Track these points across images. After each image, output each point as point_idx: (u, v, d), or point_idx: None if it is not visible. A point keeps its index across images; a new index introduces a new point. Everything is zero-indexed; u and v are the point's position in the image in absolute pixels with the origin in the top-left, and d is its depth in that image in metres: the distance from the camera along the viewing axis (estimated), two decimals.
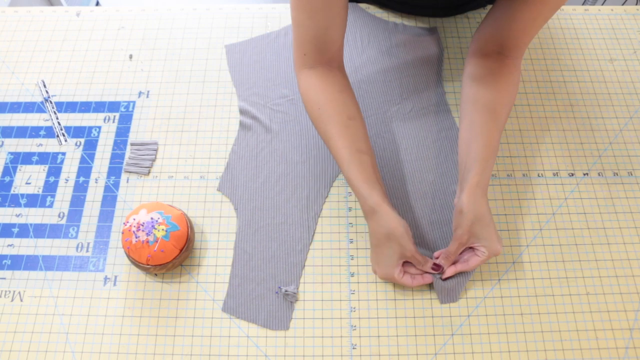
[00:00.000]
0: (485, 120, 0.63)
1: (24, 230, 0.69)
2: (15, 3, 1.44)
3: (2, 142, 0.75)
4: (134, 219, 0.61)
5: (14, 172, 0.73)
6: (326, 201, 0.70)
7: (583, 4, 1.40)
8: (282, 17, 0.85)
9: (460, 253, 0.62)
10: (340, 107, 0.63)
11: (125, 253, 0.64)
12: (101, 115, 0.77)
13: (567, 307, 0.63)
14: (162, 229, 0.61)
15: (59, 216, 0.70)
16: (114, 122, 0.76)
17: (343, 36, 0.64)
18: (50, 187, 0.72)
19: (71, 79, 0.80)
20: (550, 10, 0.60)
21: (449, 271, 0.61)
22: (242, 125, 0.75)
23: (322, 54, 0.63)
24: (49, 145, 0.75)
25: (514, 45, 0.64)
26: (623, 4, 0.89)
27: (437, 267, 0.61)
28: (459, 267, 0.61)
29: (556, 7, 0.60)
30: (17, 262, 0.67)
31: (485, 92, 0.64)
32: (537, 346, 0.61)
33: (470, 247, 0.61)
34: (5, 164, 0.74)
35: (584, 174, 0.72)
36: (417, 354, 0.61)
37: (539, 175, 0.72)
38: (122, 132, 0.75)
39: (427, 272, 0.62)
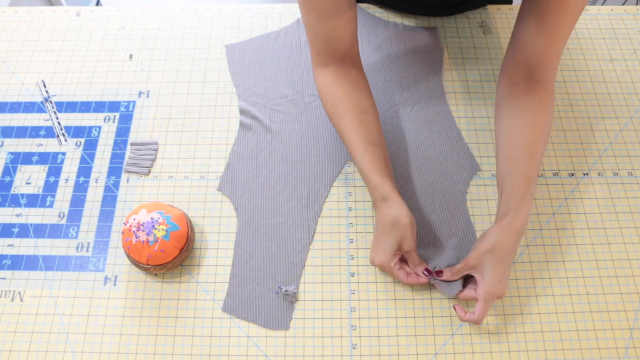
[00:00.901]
0: (519, 154, 0.60)
1: (24, 230, 0.69)
2: (15, 3, 1.44)
3: (2, 142, 0.75)
4: (134, 219, 0.61)
5: (14, 172, 0.73)
6: (326, 201, 0.70)
7: None
8: (282, 17, 0.85)
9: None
10: (354, 102, 0.64)
11: (126, 253, 0.64)
12: (101, 115, 0.77)
13: (567, 307, 0.63)
14: (162, 229, 0.61)
15: (59, 216, 0.70)
16: (114, 122, 0.76)
17: (354, 33, 0.64)
18: (50, 187, 0.72)
19: (71, 79, 0.80)
20: (571, 16, 0.57)
21: (446, 276, 0.62)
22: (242, 125, 0.75)
23: (334, 52, 0.64)
24: (49, 145, 0.75)
25: (541, 65, 0.61)
26: (623, 4, 0.89)
27: (429, 273, 0.62)
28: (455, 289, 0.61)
29: (576, 12, 0.57)
30: (17, 262, 0.67)
31: (518, 126, 0.61)
32: (537, 346, 0.61)
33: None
34: (5, 164, 0.74)
35: (584, 174, 0.72)
36: (417, 354, 0.61)
37: (539, 175, 0.72)
38: (122, 132, 0.75)
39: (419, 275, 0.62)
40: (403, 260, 0.63)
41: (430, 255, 0.66)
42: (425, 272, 0.62)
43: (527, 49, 0.60)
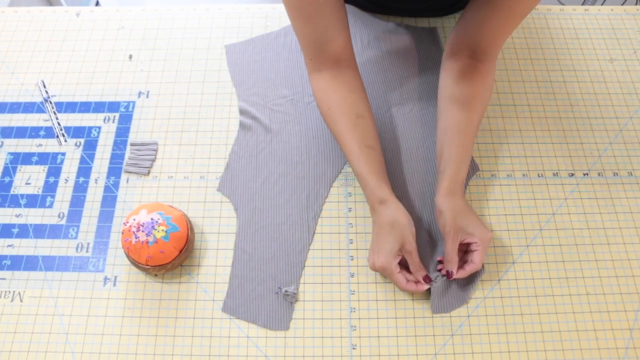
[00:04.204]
0: (456, 123, 0.64)
1: (23, 231, 0.69)
2: (15, 3, 1.44)
3: (2, 142, 0.75)
4: (134, 219, 0.61)
5: (14, 172, 0.73)
6: (326, 201, 0.70)
7: (583, 4, 1.40)
8: (282, 17, 0.85)
9: (463, 258, 0.63)
10: (349, 106, 0.64)
11: (125, 253, 0.64)
12: (101, 116, 0.77)
13: (567, 307, 0.63)
14: (162, 230, 0.61)
15: (58, 216, 0.70)
16: (113, 122, 0.76)
17: (346, 36, 0.64)
18: (50, 188, 0.72)
19: (71, 79, 0.80)
20: (518, 17, 0.61)
21: (460, 274, 0.61)
22: (242, 125, 0.75)
23: (327, 56, 0.64)
24: (48, 146, 0.75)
25: (485, 49, 0.65)
26: (623, 4, 0.89)
27: (428, 280, 0.61)
28: (468, 269, 0.61)
29: (524, 14, 0.61)
30: (17, 263, 0.67)
31: (458, 97, 0.65)
32: (537, 346, 0.61)
33: (467, 250, 0.62)
34: (5, 164, 0.74)
35: (584, 174, 0.72)
36: (417, 354, 0.61)
37: (539, 175, 0.72)
38: (122, 132, 0.75)
39: (419, 281, 0.62)
40: (403, 264, 0.62)
41: (428, 253, 0.66)
42: (426, 278, 0.61)
43: (473, 34, 0.64)
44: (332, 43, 0.63)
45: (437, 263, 0.64)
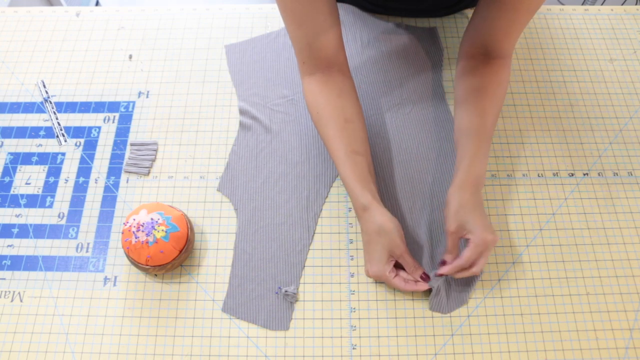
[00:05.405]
0: (471, 119, 0.64)
1: (23, 231, 0.69)
2: (15, 3, 1.44)
3: (2, 142, 0.75)
4: (134, 219, 0.61)
5: (14, 172, 0.73)
6: (326, 201, 0.70)
7: (583, 4, 1.40)
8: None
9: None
10: (338, 111, 0.64)
11: (125, 253, 0.64)
12: (101, 116, 0.77)
13: (567, 307, 0.63)
14: (162, 230, 0.61)
15: (58, 216, 0.70)
16: (113, 122, 0.76)
17: (338, 40, 0.64)
18: (50, 188, 0.72)
19: (71, 79, 0.80)
20: (526, 14, 0.61)
21: (443, 269, 0.60)
22: (242, 125, 0.75)
23: (319, 60, 0.64)
24: (48, 146, 0.75)
25: (497, 47, 0.65)
26: (623, 4, 0.89)
27: (427, 277, 0.61)
28: (455, 264, 0.59)
29: (531, 10, 0.61)
30: (17, 263, 0.67)
31: (472, 92, 0.65)
32: (537, 346, 0.61)
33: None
34: (5, 164, 0.74)
35: (584, 174, 0.72)
36: (417, 354, 0.61)
37: (539, 175, 0.72)
38: (122, 132, 0.75)
39: (417, 280, 0.62)
40: (399, 267, 0.63)
41: (427, 252, 0.65)
42: (423, 276, 0.61)
43: (484, 34, 0.65)
44: (324, 47, 0.63)
45: (438, 263, 0.64)
